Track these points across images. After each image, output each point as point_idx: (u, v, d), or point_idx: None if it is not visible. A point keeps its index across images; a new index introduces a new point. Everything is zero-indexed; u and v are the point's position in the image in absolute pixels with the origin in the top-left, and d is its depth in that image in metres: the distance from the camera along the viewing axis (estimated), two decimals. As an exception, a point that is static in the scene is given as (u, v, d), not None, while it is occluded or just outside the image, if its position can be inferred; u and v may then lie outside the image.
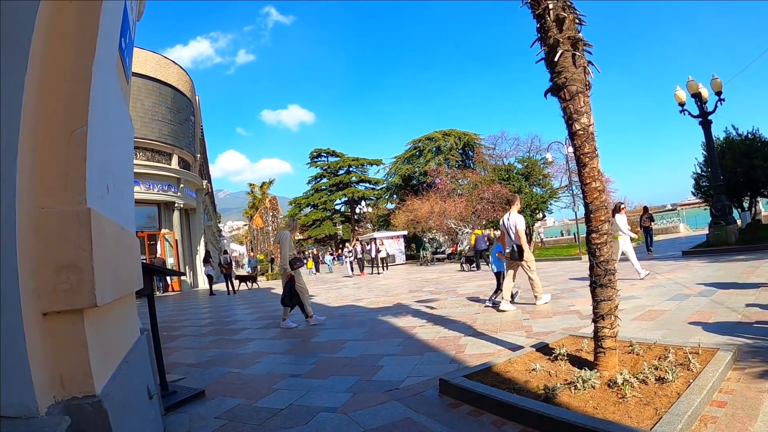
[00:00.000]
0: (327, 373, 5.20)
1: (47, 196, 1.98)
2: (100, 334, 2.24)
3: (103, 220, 2.25)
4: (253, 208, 59.25)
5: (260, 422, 3.83)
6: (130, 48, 3.63)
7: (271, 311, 12.07)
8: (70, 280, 1.96)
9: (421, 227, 33.36)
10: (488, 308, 8.45)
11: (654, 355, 3.95)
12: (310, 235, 61.35)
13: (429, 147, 45.04)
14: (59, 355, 1.94)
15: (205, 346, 7.70)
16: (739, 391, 3.25)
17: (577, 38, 3.69)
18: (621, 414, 2.96)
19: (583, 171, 3.78)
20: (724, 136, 20.86)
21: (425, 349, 5.86)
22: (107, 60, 2.59)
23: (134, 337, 3.30)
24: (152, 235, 23.70)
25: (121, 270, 2.67)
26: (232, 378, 5.38)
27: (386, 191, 52.32)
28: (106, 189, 2.51)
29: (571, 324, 6.21)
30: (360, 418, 3.72)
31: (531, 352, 4.61)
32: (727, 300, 6.35)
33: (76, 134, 2.08)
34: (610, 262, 3.77)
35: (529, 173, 28.46)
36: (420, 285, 15.19)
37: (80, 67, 2.15)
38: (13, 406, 1.70)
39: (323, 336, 7.53)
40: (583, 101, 3.70)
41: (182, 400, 4.48)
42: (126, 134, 3.54)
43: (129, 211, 3.44)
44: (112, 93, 2.81)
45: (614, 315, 3.72)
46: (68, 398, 1.95)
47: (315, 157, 64.08)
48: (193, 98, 28.09)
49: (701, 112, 14.77)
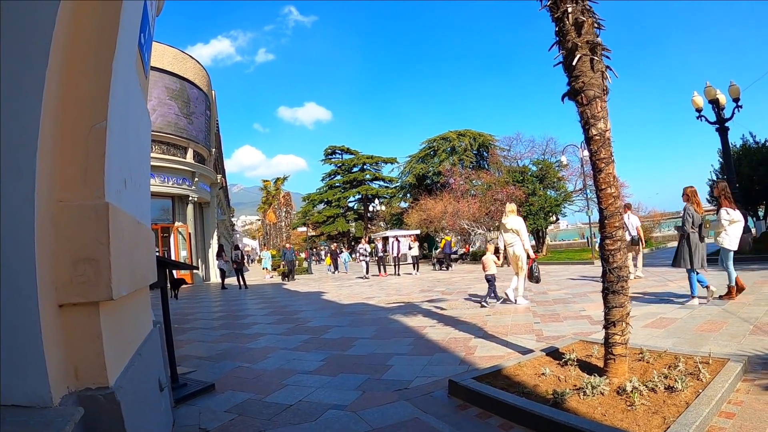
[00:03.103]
0: (337, 370, 5.23)
1: (66, 190, 2.01)
2: (115, 327, 2.28)
3: (121, 215, 2.28)
4: (267, 203, 59.56)
5: (269, 417, 3.86)
6: (149, 43, 3.67)
7: (282, 306, 12.15)
8: (87, 273, 1.99)
9: (434, 227, 33.26)
10: (497, 311, 8.43)
11: (664, 363, 3.93)
12: (323, 232, 61.48)
13: (443, 147, 44.88)
14: (74, 347, 1.98)
15: (216, 340, 7.77)
16: (748, 402, 3.22)
17: (596, 42, 3.66)
18: (629, 422, 2.95)
19: (598, 176, 3.75)
20: (741, 144, 20.58)
21: (435, 349, 5.86)
22: (127, 55, 2.63)
23: (147, 330, 3.34)
24: (166, 228, 23.86)
25: (136, 263, 2.70)
26: (243, 372, 5.42)
27: (400, 190, 52.25)
28: (124, 183, 2.54)
29: (582, 329, 6.18)
30: (368, 416, 3.74)
31: (541, 356, 4.60)
32: (740, 310, 6.28)
33: (95, 129, 2.11)
34: (623, 268, 3.75)
35: (544, 176, 28.31)
36: (431, 285, 15.17)
37: (101, 62, 2.18)
38: (27, 396, 1.73)
39: (334, 333, 7.56)
40: (600, 106, 3.67)
41: (192, 393, 4.53)
42: (144, 129, 3.58)
43: (145, 205, 3.48)
44: (131, 88, 2.84)
45: (626, 322, 3.71)
46: (82, 389, 1.98)
47: (329, 154, 64.17)
48: (210, 93, 28.22)
49: (718, 118, 14.56)
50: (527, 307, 8.44)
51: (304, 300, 13.65)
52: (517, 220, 8.95)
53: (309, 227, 59.70)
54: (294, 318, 9.81)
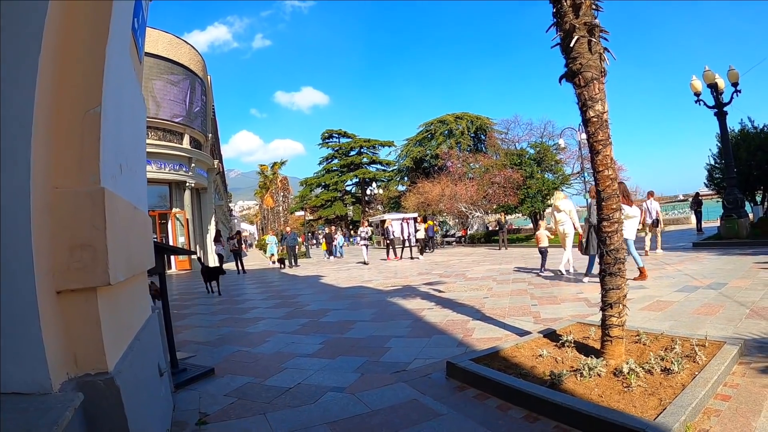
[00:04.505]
0: (335, 353, 5.26)
1: (61, 177, 2.00)
2: (113, 312, 2.28)
3: (117, 200, 2.27)
4: (264, 188, 59.39)
5: (269, 400, 3.88)
6: (143, 28, 3.62)
7: (281, 290, 12.19)
8: (84, 259, 1.98)
9: (432, 210, 33.28)
10: (494, 293, 8.47)
11: (660, 345, 3.96)
12: (321, 216, 61.48)
13: (441, 130, 44.80)
14: (72, 333, 1.98)
15: (215, 325, 7.80)
16: (744, 385, 3.25)
17: (594, 24, 3.63)
18: (625, 403, 2.98)
19: (596, 158, 3.75)
20: (740, 129, 20.42)
21: (433, 331, 5.90)
22: (121, 40, 2.59)
23: (146, 315, 3.35)
24: (163, 215, 23.82)
25: (134, 249, 2.70)
26: (242, 356, 5.45)
27: (397, 173, 52.24)
28: (120, 169, 2.53)
29: (579, 311, 6.22)
30: (367, 398, 3.77)
31: (538, 338, 4.63)
32: (736, 294, 6.31)
33: (89, 114, 2.09)
34: (620, 250, 3.76)
35: (542, 159, 28.25)
36: (429, 268, 15.23)
37: (94, 47, 2.15)
38: (27, 383, 1.74)
39: (332, 316, 7.60)
40: (597, 88, 3.65)
41: (192, 378, 4.55)
42: (139, 114, 3.55)
43: (141, 190, 3.46)
44: (125, 73, 2.82)
45: (623, 304, 3.72)
46: (81, 375, 1.99)
47: (326, 138, 63.97)
48: (205, 78, 27.97)
49: (717, 102, 14.43)
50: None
51: (303, 284, 13.69)
52: (567, 202, 10.45)
53: (307, 211, 59.65)
54: (293, 302, 9.84)
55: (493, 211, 30.32)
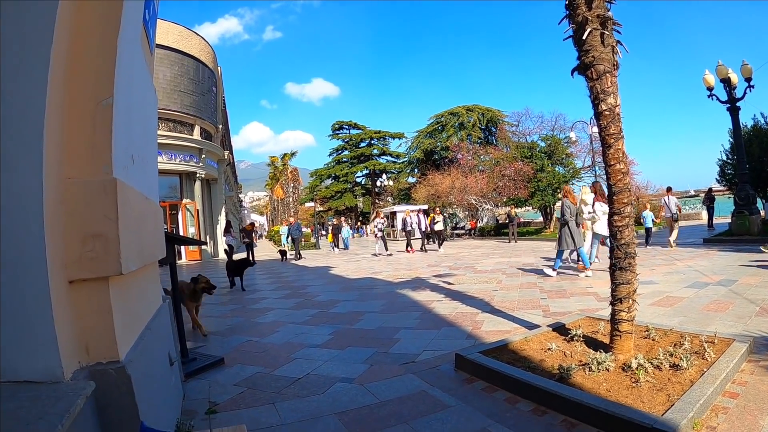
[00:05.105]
0: (344, 344, 5.29)
1: (74, 167, 2.01)
2: (125, 302, 2.30)
3: (128, 190, 2.28)
4: (274, 179, 59.54)
5: (278, 390, 3.92)
6: (154, 20, 3.63)
7: (290, 281, 12.24)
8: (97, 249, 2.00)
9: (442, 202, 33.17)
10: (504, 286, 8.45)
11: (669, 341, 3.94)
12: (331, 207, 61.54)
13: (452, 122, 44.56)
14: (85, 322, 2.00)
15: (225, 315, 7.87)
16: (753, 383, 3.23)
17: (606, 17, 3.59)
18: (634, 398, 2.97)
19: (607, 152, 3.72)
20: (752, 124, 20.11)
21: (442, 323, 5.91)
22: (132, 32, 2.60)
23: (157, 305, 3.38)
24: (174, 205, 23.95)
25: (145, 239, 2.72)
26: (251, 346, 5.50)
27: (407, 165, 52.06)
28: (131, 159, 2.54)
29: (588, 305, 6.20)
30: (376, 389, 3.80)
31: (547, 332, 4.63)
32: (746, 291, 6.25)
33: (102, 105, 2.10)
34: (630, 245, 3.73)
35: (552, 152, 28.00)
36: (439, 260, 15.21)
37: (106, 39, 2.15)
38: (39, 372, 1.75)
39: (341, 308, 7.63)
40: (610, 81, 3.62)
41: (202, 367, 4.61)
42: (150, 105, 3.57)
43: (153, 181, 3.48)
44: (136, 64, 2.82)
45: (632, 299, 3.70)
46: (93, 364, 2.01)
47: (337, 129, 63.83)
48: (215, 69, 28.00)
49: (729, 97, 14.19)
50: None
51: (312, 275, 13.75)
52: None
53: (317, 202, 59.74)
54: (302, 293, 9.90)
55: (503, 204, 30.17)
